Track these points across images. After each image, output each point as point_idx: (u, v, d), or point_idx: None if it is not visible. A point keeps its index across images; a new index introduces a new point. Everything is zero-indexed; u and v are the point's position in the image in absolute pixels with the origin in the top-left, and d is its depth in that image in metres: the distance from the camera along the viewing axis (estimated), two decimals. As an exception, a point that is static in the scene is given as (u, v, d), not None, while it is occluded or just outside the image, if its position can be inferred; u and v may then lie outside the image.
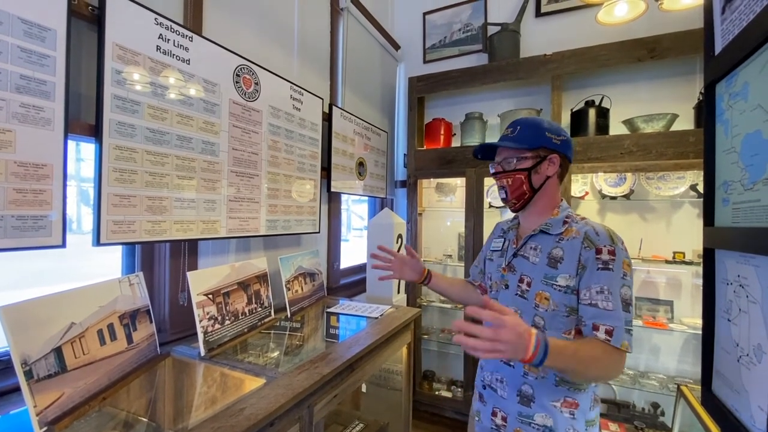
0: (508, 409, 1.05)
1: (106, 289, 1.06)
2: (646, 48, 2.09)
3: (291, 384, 1.06)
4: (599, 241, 0.96)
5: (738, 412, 0.66)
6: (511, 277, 1.11)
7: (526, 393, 1.02)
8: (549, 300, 1.00)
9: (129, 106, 1.13)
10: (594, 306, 0.93)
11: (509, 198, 1.11)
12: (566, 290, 0.98)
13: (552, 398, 1.00)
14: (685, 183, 2.15)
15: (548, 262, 1.02)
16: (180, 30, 1.28)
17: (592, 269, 0.94)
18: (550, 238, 1.06)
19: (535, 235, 1.09)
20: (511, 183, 1.09)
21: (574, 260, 0.97)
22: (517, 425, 1.03)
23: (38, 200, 0.94)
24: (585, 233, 0.99)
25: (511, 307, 1.06)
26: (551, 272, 1.01)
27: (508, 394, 1.05)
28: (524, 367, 1.03)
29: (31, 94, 0.93)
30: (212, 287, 1.33)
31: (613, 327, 0.89)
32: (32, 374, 0.82)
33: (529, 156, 1.07)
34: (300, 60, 2.06)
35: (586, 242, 0.97)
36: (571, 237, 1.01)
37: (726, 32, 0.71)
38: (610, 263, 0.93)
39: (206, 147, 1.38)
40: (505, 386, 1.06)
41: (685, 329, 2.09)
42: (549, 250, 1.04)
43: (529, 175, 1.07)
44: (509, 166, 1.09)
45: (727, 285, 0.70)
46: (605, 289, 0.92)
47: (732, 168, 0.67)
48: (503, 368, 1.08)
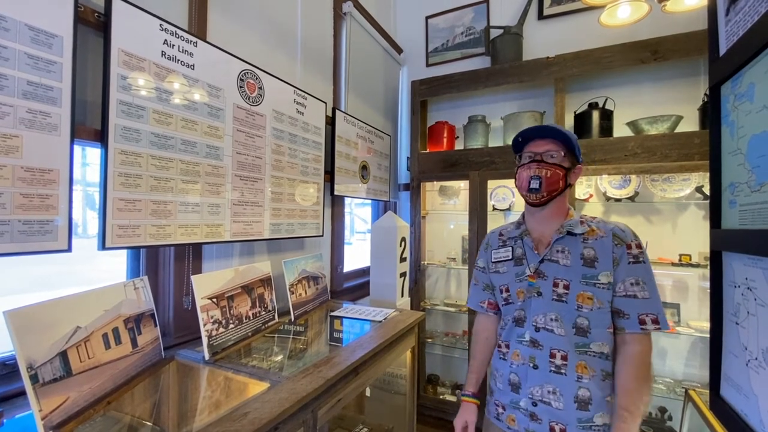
0: (566, 419, 1.03)
1: (111, 293, 1.06)
2: (649, 50, 2.08)
3: (295, 388, 1.05)
4: (627, 237, 1.05)
5: (747, 416, 0.65)
6: (543, 284, 1.09)
7: (584, 397, 1.02)
8: (593, 299, 1.03)
9: (134, 112, 1.14)
10: (633, 297, 1.01)
11: (543, 188, 1.08)
12: (608, 287, 1.03)
13: (605, 394, 1.03)
14: (690, 185, 2.13)
15: (584, 262, 1.05)
16: (185, 35, 1.29)
17: (625, 264, 1.02)
18: (576, 240, 1.08)
19: (561, 237, 1.10)
20: (550, 175, 1.08)
21: (609, 258, 1.03)
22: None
23: (44, 205, 0.95)
24: (612, 232, 1.06)
25: (550, 313, 1.07)
26: (591, 272, 1.04)
27: (565, 404, 1.03)
28: (576, 371, 1.03)
29: (38, 100, 0.94)
30: (216, 291, 1.33)
31: (656, 314, 0.99)
32: (38, 378, 0.82)
33: (566, 158, 1.10)
34: (303, 64, 2.07)
35: (616, 240, 1.04)
36: (598, 236, 1.06)
37: (730, 33, 0.71)
38: (640, 256, 1.03)
39: (210, 151, 1.39)
40: (560, 396, 1.04)
41: (692, 332, 2.07)
42: (580, 251, 1.06)
43: (567, 174, 1.10)
44: (552, 159, 1.09)
45: (734, 288, 0.69)
46: (640, 281, 1.01)
47: (738, 170, 0.67)
48: (554, 378, 1.05)
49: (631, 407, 0.97)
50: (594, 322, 1.03)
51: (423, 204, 2.81)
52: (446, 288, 3.00)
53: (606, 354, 1.03)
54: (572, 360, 1.03)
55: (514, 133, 2.45)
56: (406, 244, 2.27)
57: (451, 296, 2.95)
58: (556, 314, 1.06)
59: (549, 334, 1.07)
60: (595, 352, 1.03)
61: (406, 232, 2.29)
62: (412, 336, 1.85)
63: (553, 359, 1.05)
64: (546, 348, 1.07)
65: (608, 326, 1.03)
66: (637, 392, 0.98)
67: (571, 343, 1.04)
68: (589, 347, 1.03)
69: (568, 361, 1.04)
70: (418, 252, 2.72)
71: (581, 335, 1.03)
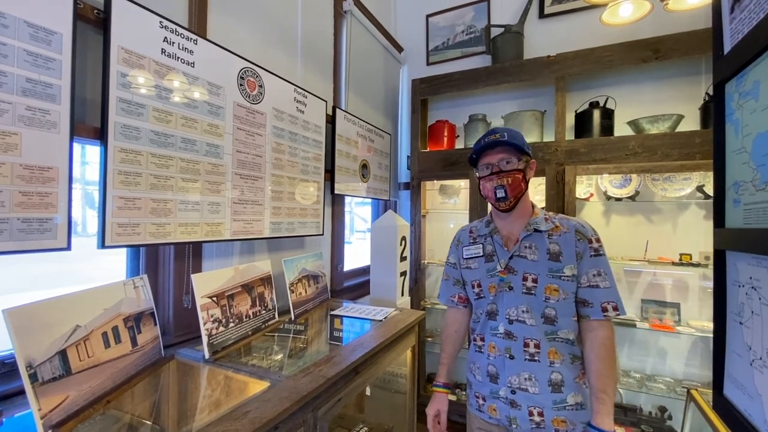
0: (543, 402, 1.11)
1: (110, 291, 1.06)
2: (650, 49, 2.08)
3: (295, 387, 1.05)
4: (587, 232, 1.14)
5: (751, 416, 0.64)
6: (514, 278, 1.16)
7: (556, 380, 1.10)
8: (559, 291, 1.11)
9: (134, 109, 1.13)
10: (595, 287, 1.10)
11: (509, 195, 1.15)
12: (572, 279, 1.11)
13: (575, 375, 1.11)
14: (691, 184, 2.13)
15: (549, 257, 1.13)
16: (185, 33, 1.29)
17: (587, 257, 1.11)
18: (542, 236, 1.16)
19: (529, 234, 1.17)
20: (511, 182, 1.14)
21: (572, 252, 1.12)
22: (554, 415, 1.10)
23: (44, 203, 0.94)
24: (574, 228, 1.14)
25: (521, 306, 1.15)
26: (556, 266, 1.12)
27: (540, 388, 1.11)
28: (548, 357, 1.11)
29: (37, 97, 0.93)
30: (216, 290, 1.33)
31: (616, 302, 1.09)
32: (37, 377, 0.81)
33: (522, 158, 1.16)
34: (304, 63, 2.06)
35: (578, 235, 1.13)
36: (561, 233, 1.14)
37: (735, 31, 0.70)
38: (600, 249, 1.12)
39: (210, 149, 1.38)
40: (536, 381, 1.12)
41: (693, 332, 2.07)
42: (546, 246, 1.14)
43: (524, 175, 1.17)
44: (508, 166, 1.15)
45: (738, 287, 0.68)
46: (602, 272, 1.10)
47: (743, 168, 0.66)
48: (529, 366, 1.13)
49: (607, 388, 1.05)
50: (560, 311, 1.11)
51: (423, 203, 2.80)
52: (446, 287, 2.99)
53: (572, 340, 1.12)
54: (544, 347, 1.12)
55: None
56: (407, 243, 2.26)
57: (451, 295, 2.94)
58: (527, 306, 1.14)
59: (522, 325, 1.14)
60: (563, 338, 1.12)
61: (407, 231, 2.28)
62: (412, 335, 1.84)
63: (527, 348, 1.13)
64: (520, 338, 1.14)
65: (573, 315, 1.12)
66: (607, 374, 1.06)
67: (541, 332, 1.12)
68: (557, 334, 1.12)
69: (540, 348, 1.12)
70: (419, 251, 2.72)
71: (549, 324, 1.12)
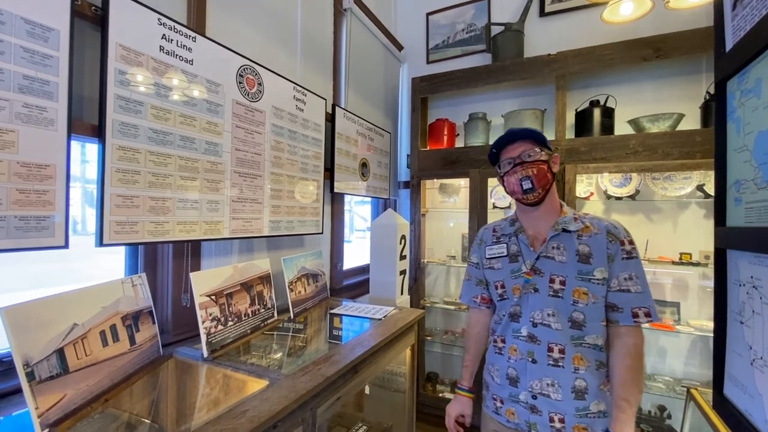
0: (565, 409, 1.06)
1: (108, 290, 1.05)
2: (651, 47, 2.07)
3: (294, 386, 1.05)
4: (620, 234, 1.08)
5: (751, 416, 0.64)
6: (540, 280, 1.11)
7: (580, 387, 1.06)
8: (588, 294, 1.06)
9: (132, 107, 1.13)
10: (626, 291, 1.04)
11: (536, 186, 1.10)
12: (603, 282, 1.05)
13: (599, 382, 1.06)
14: (691, 183, 2.13)
15: (579, 259, 1.08)
16: (183, 30, 1.28)
17: (619, 260, 1.05)
18: (571, 236, 1.10)
19: (557, 234, 1.12)
20: (537, 172, 1.10)
21: (603, 254, 1.06)
22: (575, 422, 1.06)
23: (41, 201, 0.94)
24: (606, 229, 1.08)
25: (547, 309, 1.10)
26: (586, 268, 1.07)
27: (563, 395, 1.07)
28: (573, 363, 1.06)
29: (34, 94, 0.93)
30: (215, 288, 1.33)
31: (648, 307, 1.03)
32: (34, 376, 0.81)
33: (545, 150, 1.12)
34: (303, 60, 2.05)
35: (610, 236, 1.07)
36: (592, 233, 1.09)
37: (737, 28, 0.70)
38: (633, 252, 1.06)
39: (209, 148, 1.37)
40: (558, 388, 1.07)
41: (692, 331, 2.06)
42: (575, 247, 1.09)
43: (549, 165, 1.12)
44: (530, 158, 1.11)
45: (739, 286, 0.68)
46: (633, 276, 1.04)
47: (744, 167, 0.66)
48: (552, 371, 1.08)
49: (629, 397, 1.01)
50: (589, 316, 1.06)
51: (423, 202, 2.80)
52: (446, 286, 3.00)
53: (600, 346, 1.07)
54: (569, 353, 1.07)
55: (514, 131, 2.46)
56: (406, 241, 2.26)
57: (450, 294, 2.95)
58: (553, 309, 1.09)
59: (546, 329, 1.09)
60: (590, 344, 1.07)
61: (406, 229, 2.28)
62: (411, 334, 1.84)
63: (551, 353, 1.08)
64: (544, 342, 1.09)
65: (602, 319, 1.07)
66: (633, 383, 1.02)
67: (567, 336, 1.07)
68: (584, 339, 1.07)
69: (565, 354, 1.07)
70: (418, 250, 2.72)
71: (576, 329, 1.07)
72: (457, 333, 2.86)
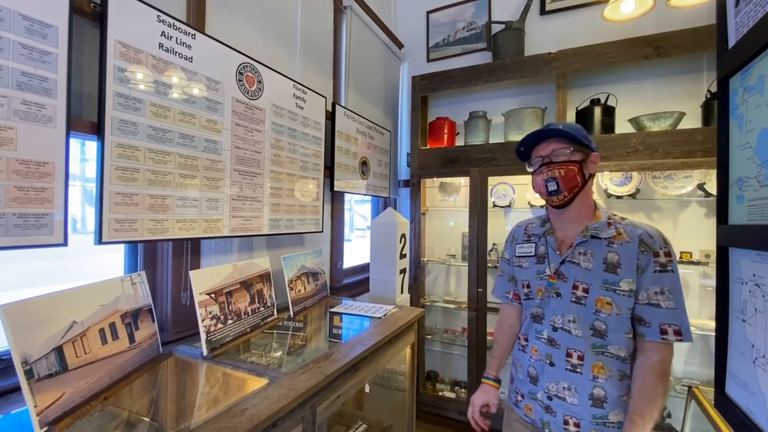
0: (581, 414, 1.04)
1: (107, 288, 1.05)
2: (652, 45, 2.07)
3: (294, 384, 1.05)
4: (655, 244, 1.00)
5: (754, 415, 0.64)
6: (563, 285, 1.09)
7: (599, 396, 1.02)
8: (612, 305, 1.01)
9: (131, 104, 1.12)
10: (656, 306, 0.98)
11: (562, 189, 1.06)
12: (629, 294, 1.00)
13: (621, 393, 1.02)
14: (692, 182, 2.12)
15: (606, 267, 1.03)
16: (183, 27, 1.28)
17: (650, 272, 0.98)
18: (601, 243, 1.05)
19: (585, 241, 1.07)
20: (564, 174, 1.05)
21: (633, 264, 1.00)
22: (592, 428, 1.03)
23: (40, 198, 0.94)
24: (639, 238, 1.01)
25: (568, 315, 1.07)
26: (612, 278, 1.02)
27: (579, 400, 1.04)
28: (592, 371, 1.03)
29: (33, 91, 0.92)
30: (215, 286, 1.32)
31: (679, 325, 0.97)
32: (33, 374, 0.81)
33: (579, 149, 1.06)
34: (303, 58, 2.05)
35: (643, 246, 1.00)
36: (624, 241, 1.02)
37: (740, 25, 0.69)
38: (668, 265, 0.98)
39: (209, 145, 1.37)
40: (575, 393, 1.05)
41: (693, 330, 2.05)
42: (603, 255, 1.04)
43: (581, 167, 1.06)
44: (559, 158, 1.06)
45: (741, 284, 0.68)
46: (666, 290, 0.97)
47: (747, 164, 0.66)
48: (569, 376, 1.06)
49: (644, 413, 0.96)
50: (612, 326, 1.02)
51: (423, 200, 2.79)
52: (446, 285, 2.99)
53: (623, 357, 1.03)
54: (588, 360, 1.04)
55: (515, 130, 2.46)
56: (406, 240, 2.25)
57: (450, 293, 2.95)
58: (574, 316, 1.06)
59: (566, 335, 1.07)
60: (612, 353, 1.03)
61: (406, 228, 2.27)
62: (411, 333, 1.84)
63: (570, 358, 1.06)
64: (563, 347, 1.08)
65: (626, 331, 1.02)
66: (649, 400, 0.97)
67: (588, 344, 1.04)
68: (606, 348, 1.03)
69: (584, 361, 1.04)
70: (418, 249, 2.71)
71: (599, 337, 1.03)
72: (456, 332, 2.86)
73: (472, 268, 2.46)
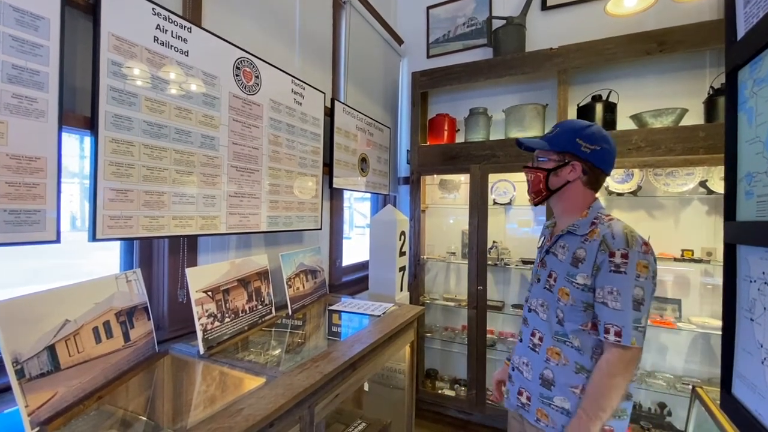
0: (531, 389, 1.14)
1: (102, 285, 1.03)
2: (655, 41, 2.04)
3: (291, 384, 1.03)
4: (614, 244, 1.02)
5: (762, 416, 0.62)
6: (543, 272, 1.19)
7: (548, 377, 1.10)
8: (568, 295, 1.08)
9: (126, 99, 1.10)
10: (605, 305, 1.01)
11: (529, 191, 1.23)
12: (583, 288, 1.05)
13: (571, 384, 1.06)
14: (694, 179, 2.10)
15: (572, 261, 1.10)
16: (178, 21, 1.25)
17: (605, 271, 1.01)
18: (576, 239, 1.11)
19: (563, 234, 1.16)
20: (532, 179, 1.20)
21: (592, 261, 1.05)
22: (539, 405, 1.11)
23: (31, 194, 0.92)
24: (603, 236, 1.04)
25: (540, 299, 1.18)
26: (572, 270, 1.08)
27: (532, 377, 1.14)
28: (547, 353, 1.11)
29: (24, 84, 0.90)
30: (212, 284, 1.30)
31: (621, 327, 0.97)
32: (24, 373, 0.79)
33: (553, 158, 1.14)
34: (301, 54, 2.02)
35: (603, 245, 1.03)
36: (593, 239, 1.07)
37: (749, 15, 0.67)
38: (622, 266, 0.99)
39: (206, 141, 1.35)
40: (530, 369, 1.15)
41: (694, 328, 2.05)
42: (574, 249, 1.10)
43: (548, 176, 1.16)
44: (536, 163, 1.20)
45: (750, 282, 0.66)
46: (614, 290, 1.00)
47: (756, 159, 0.64)
48: (529, 353, 1.17)
49: (588, 410, 0.99)
50: (567, 316, 1.08)
51: (423, 198, 2.77)
52: (446, 282, 2.98)
53: (579, 348, 1.07)
54: (546, 343, 1.13)
55: (516, 126, 2.44)
56: (406, 238, 2.24)
57: (450, 291, 2.93)
58: (544, 300, 1.16)
59: (535, 316, 1.19)
60: (571, 343, 1.08)
61: (406, 226, 2.26)
62: (411, 331, 1.82)
63: (533, 337, 1.18)
64: (531, 327, 1.20)
65: (581, 323, 1.06)
66: (595, 398, 0.99)
67: (551, 329, 1.12)
68: (567, 337, 1.09)
69: (542, 342, 1.14)
70: (418, 246, 2.70)
71: (559, 325, 1.11)
72: (456, 330, 2.84)
73: (472, 266, 2.45)
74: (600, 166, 1.11)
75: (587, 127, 1.11)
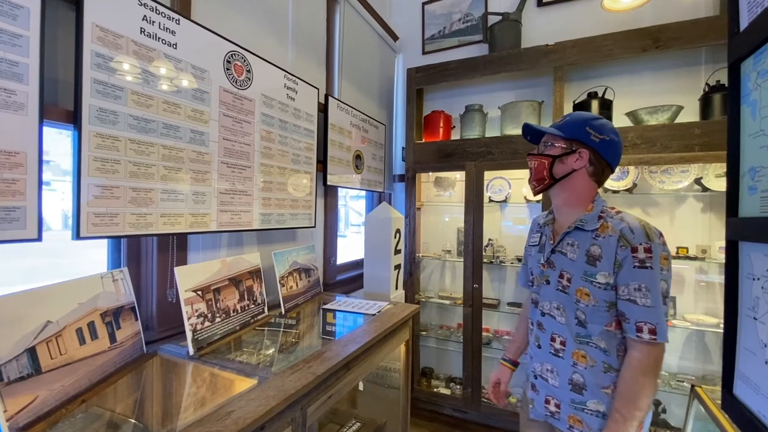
0: (560, 396, 1.10)
1: (86, 285, 1.00)
2: (651, 37, 2.03)
3: (283, 385, 1.00)
4: (635, 239, 0.98)
5: (764, 417, 0.61)
6: (551, 273, 1.14)
7: (577, 381, 1.07)
8: (589, 296, 1.04)
9: (111, 92, 1.06)
10: (633, 302, 0.97)
11: (531, 179, 1.17)
12: (606, 287, 1.01)
13: (602, 384, 1.04)
14: (689, 177, 2.10)
15: (587, 259, 1.05)
16: (166, 12, 1.21)
17: (629, 267, 0.98)
18: (586, 235, 1.07)
19: (571, 231, 1.11)
20: (536, 165, 1.14)
21: (611, 258, 1.00)
22: (570, 411, 1.07)
23: (10, 190, 0.88)
24: (621, 231, 1.01)
25: (554, 302, 1.13)
26: (590, 270, 1.04)
27: (560, 383, 1.10)
28: (572, 357, 1.07)
29: (2, 76, 0.86)
30: (202, 283, 1.27)
31: (655, 324, 0.95)
32: (2, 377, 0.76)
33: (560, 144, 1.10)
34: (295, 48, 1.98)
35: (622, 241, 0.99)
36: (607, 234, 1.03)
37: (753, 5, 0.65)
38: (647, 261, 0.96)
39: (195, 136, 1.31)
40: (556, 376, 1.11)
41: (688, 326, 2.05)
42: (587, 247, 1.06)
43: (553, 163, 1.11)
44: (541, 150, 1.15)
45: (753, 280, 0.64)
46: (643, 287, 0.96)
47: (760, 153, 0.62)
48: (552, 359, 1.12)
49: (624, 410, 0.97)
50: (590, 317, 1.05)
51: (418, 195, 2.75)
52: (441, 280, 2.96)
53: (605, 349, 1.04)
54: (570, 347, 1.09)
55: (511, 123, 2.42)
56: (401, 235, 2.21)
57: (446, 289, 2.92)
58: (559, 303, 1.11)
59: (551, 320, 1.13)
60: (595, 344, 1.05)
61: (401, 223, 2.23)
62: (406, 329, 1.80)
63: (553, 343, 1.12)
64: (548, 332, 1.14)
65: (605, 323, 1.03)
66: (630, 398, 0.97)
67: (572, 332, 1.08)
68: (590, 339, 1.06)
69: (566, 347, 1.09)
70: (413, 244, 2.67)
71: (581, 326, 1.07)
72: (452, 328, 2.83)
73: (468, 264, 2.43)
74: (606, 157, 1.08)
75: (597, 118, 1.10)
